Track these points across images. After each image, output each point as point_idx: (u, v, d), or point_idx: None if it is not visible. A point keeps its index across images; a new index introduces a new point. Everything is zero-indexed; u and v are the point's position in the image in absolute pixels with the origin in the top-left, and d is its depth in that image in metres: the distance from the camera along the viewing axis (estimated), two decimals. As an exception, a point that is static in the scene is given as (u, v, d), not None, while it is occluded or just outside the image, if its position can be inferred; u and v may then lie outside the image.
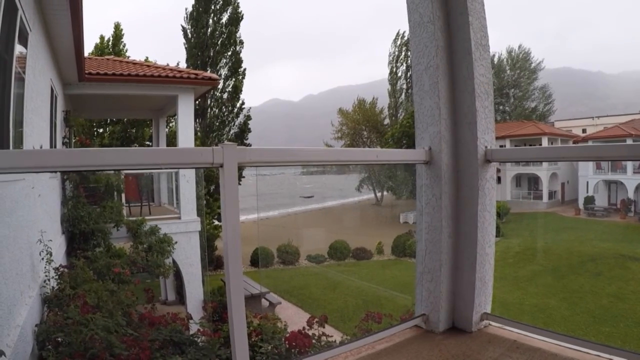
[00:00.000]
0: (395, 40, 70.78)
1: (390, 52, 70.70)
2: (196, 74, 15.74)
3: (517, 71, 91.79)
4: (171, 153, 2.04)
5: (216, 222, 28.34)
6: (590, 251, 33.20)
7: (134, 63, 16.79)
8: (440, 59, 2.89)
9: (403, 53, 68.20)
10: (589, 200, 53.11)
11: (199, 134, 33.56)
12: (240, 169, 2.43)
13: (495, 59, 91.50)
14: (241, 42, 37.30)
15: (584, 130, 70.51)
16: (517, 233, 41.50)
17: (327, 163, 2.57)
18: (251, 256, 31.02)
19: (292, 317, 18.76)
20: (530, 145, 59.11)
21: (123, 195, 14.41)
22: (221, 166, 2.01)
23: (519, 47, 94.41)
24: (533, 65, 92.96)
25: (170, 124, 25.31)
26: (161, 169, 15.43)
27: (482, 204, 2.88)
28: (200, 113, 34.82)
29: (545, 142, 59.02)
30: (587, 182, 54.96)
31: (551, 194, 58.57)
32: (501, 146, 57.59)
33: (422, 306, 3.05)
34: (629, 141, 51.54)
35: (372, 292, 25.14)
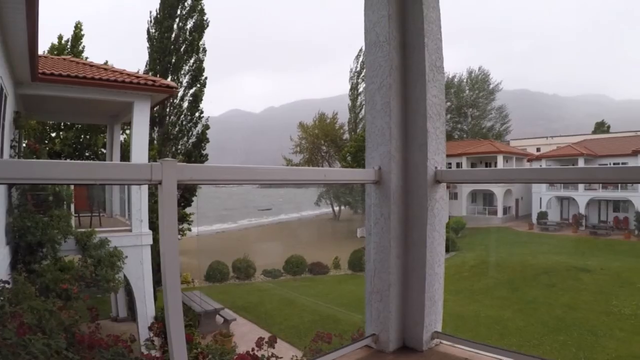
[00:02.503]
0: (357, 57, 71.52)
1: (351, 68, 71.36)
2: (154, 81, 15.40)
3: (476, 91, 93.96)
4: (106, 169, 1.95)
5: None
6: (543, 264, 34.05)
7: (91, 65, 16.30)
8: (393, 78, 2.89)
9: (364, 70, 68.99)
10: (542, 215, 54.83)
11: (155, 143, 32.93)
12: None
13: (456, 80, 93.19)
14: (204, 50, 36.70)
15: (538, 149, 72.30)
16: (473, 247, 42.28)
17: (272, 182, 2.51)
18: (206, 271, 30.70)
19: (247, 334, 18.62)
20: (487, 163, 60.47)
21: (72, 205, 13.91)
22: (160, 183, 1.93)
23: (479, 68, 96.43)
24: (492, 86, 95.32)
25: (127, 132, 24.76)
26: (95, 184, 14.94)
27: (431, 224, 2.88)
28: (158, 121, 34.23)
29: (500, 160, 60.21)
30: (541, 198, 56.67)
31: (506, 210, 59.98)
32: (458, 164, 58.79)
33: (372, 326, 3.03)
34: (581, 160, 53.14)
35: (328, 308, 25.11)
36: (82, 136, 26.64)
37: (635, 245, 42.36)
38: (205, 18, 36.78)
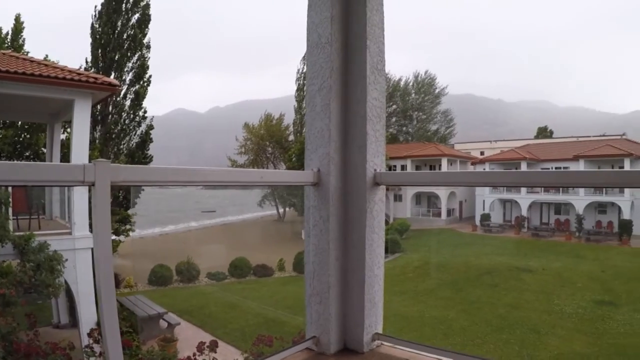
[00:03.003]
0: (304, 58, 71.23)
1: (298, 69, 71.03)
2: (95, 78, 15.01)
3: (422, 95, 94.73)
4: (37, 170, 1.87)
5: (114, 237, 27.26)
6: (486, 265, 34.62)
7: (32, 61, 15.74)
8: (334, 80, 2.88)
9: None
10: (486, 217, 55.81)
11: (97, 142, 32.18)
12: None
13: (402, 83, 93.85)
14: (148, 47, 35.84)
15: (482, 153, 73.52)
16: (417, 249, 42.70)
17: (209, 184, 2.49)
18: (150, 274, 30.16)
19: (192, 339, 18.33)
20: (431, 165, 61.23)
21: (10, 208, 13.42)
22: (92, 185, 1.86)
23: (425, 72, 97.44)
24: (437, 90, 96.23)
25: (68, 130, 24.10)
26: (27, 186, 14.56)
27: (370, 226, 2.88)
28: (101, 120, 33.49)
29: (445, 163, 61.03)
30: (484, 201, 57.60)
31: (450, 212, 60.77)
32: (403, 166, 59.32)
33: (313, 328, 3.01)
34: (524, 164, 54.22)
35: (273, 310, 24.99)
36: (23, 135, 25.91)
37: (575, 246, 43.44)
38: (149, 13, 35.97)
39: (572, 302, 26.48)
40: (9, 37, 28.89)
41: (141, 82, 35.37)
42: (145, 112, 35.38)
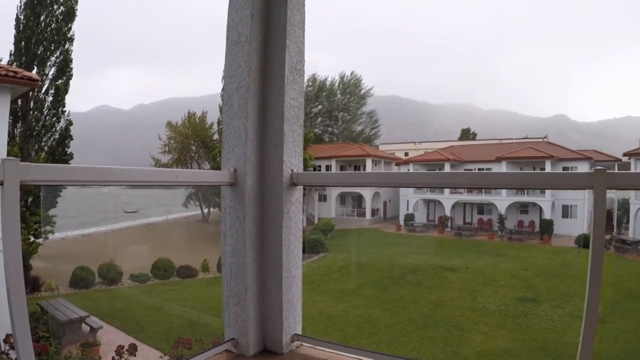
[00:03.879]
0: (228, 56, 70.70)
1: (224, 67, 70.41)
2: (15, 72, 14.55)
3: (348, 96, 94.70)
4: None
5: (32, 239, 26.33)
6: (410, 264, 35.08)
7: None
8: (252, 79, 2.85)
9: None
10: (409, 217, 56.57)
11: (18, 139, 30.99)
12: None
13: (328, 83, 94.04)
14: (72, 40, 34.64)
15: (406, 154, 74.49)
16: (342, 249, 42.91)
17: (121, 184, 2.41)
18: (71, 277, 29.28)
19: (115, 342, 17.92)
20: (356, 166, 61.62)
21: None
22: (1, 184, 1.80)
23: (351, 73, 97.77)
24: (363, 91, 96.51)
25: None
26: None
27: (287, 226, 2.88)
28: (21, 116, 32.27)
29: (369, 163, 61.47)
30: (408, 201, 58.39)
31: (374, 212, 61.26)
32: (327, 166, 59.55)
33: (231, 330, 2.98)
34: (447, 165, 55.24)
35: (197, 312, 24.68)
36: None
37: (498, 245, 44.57)
38: (74, 7, 34.89)
39: (495, 299, 27.17)
40: None
41: (64, 77, 34.22)
42: (66, 108, 34.23)
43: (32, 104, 32.96)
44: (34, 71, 31.33)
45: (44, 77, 33.28)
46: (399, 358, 2.78)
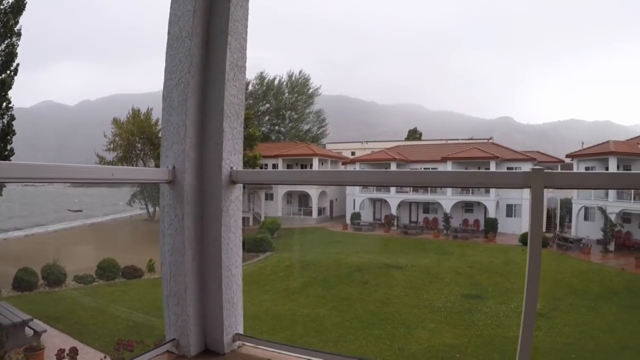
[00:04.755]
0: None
1: (170, 64, 69.57)
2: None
3: (296, 95, 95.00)
4: None
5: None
6: (357, 262, 35.30)
7: None
8: (192, 75, 2.80)
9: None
10: (356, 216, 56.93)
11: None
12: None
13: (276, 82, 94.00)
14: (19, 35, 33.68)
15: (353, 153, 74.87)
16: (288, 247, 43.08)
17: (56, 181, 2.34)
18: (14, 279, 28.49)
19: (60, 346, 17.51)
20: (302, 165, 61.79)
21: None
22: None
23: (300, 72, 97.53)
24: (311, 90, 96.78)
25: None
26: None
27: (227, 225, 2.84)
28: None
29: (316, 162, 61.74)
30: (354, 200, 58.79)
31: (320, 211, 61.54)
32: (274, 165, 59.55)
33: (172, 330, 2.92)
34: (393, 164, 55.85)
35: (143, 313, 24.32)
36: None
37: (443, 243, 45.29)
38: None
39: (440, 296, 27.60)
40: None
41: (8, 72, 33.30)
42: (9, 103, 33.31)
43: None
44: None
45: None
46: (342, 356, 2.78)
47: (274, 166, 61.69)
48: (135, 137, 66.18)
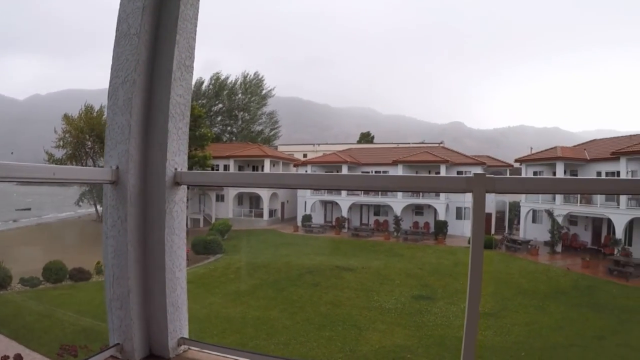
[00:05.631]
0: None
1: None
2: None
3: (249, 96, 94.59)
4: None
5: None
6: (308, 264, 35.34)
7: None
8: (138, 74, 2.75)
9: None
10: (307, 218, 56.92)
11: None
12: None
13: (230, 82, 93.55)
14: None
15: (305, 155, 74.81)
16: (239, 249, 43.00)
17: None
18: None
19: (4, 352, 17.03)
20: (254, 166, 61.70)
21: None
22: None
23: (255, 73, 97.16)
24: (264, 91, 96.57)
25: None
26: None
27: (170, 227, 2.81)
28: None
29: (267, 164, 61.73)
30: (305, 202, 58.78)
31: (272, 212, 61.33)
32: (225, 166, 59.23)
33: (116, 335, 2.86)
34: (345, 167, 56.03)
35: (90, 317, 23.85)
36: None
37: (394, 245, 45.60)
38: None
39: (391, 298, 27.79)
40: None
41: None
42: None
43: None
44: None
45: None
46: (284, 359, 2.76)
47: (226, 167, 61.31)
48: (86, 134, 64.66)
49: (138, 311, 2.83)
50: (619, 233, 39.34)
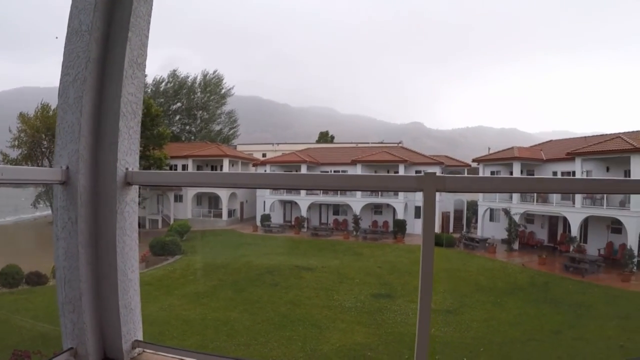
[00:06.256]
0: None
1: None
2: None
3: (208, 94, 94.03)
4: None
5: None
6: (267, 264, 35.37)
7: None
8: (89, 72, 2.68)
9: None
10: (266, 218, 56.90)
11: None
12: None
13: (189, 81, 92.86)
14: None
15: (264, 155, 74.68)
16: (198, 250, 42.70)
17: None
18: None
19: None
20: (213, 166, 61.32)
21: None
22: None
23: (214, 72, 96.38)
24: (224, 90, 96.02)
25: None
26: None
27: (122, 228, 2.75)
28: None
29: (226, 163, 61.40)
30: (265, 202, 58.76)
31: (231, 212, 61.08)
32: (184, 166, 58.85)
33: (69, 339, 2.79)
34: (304, 166, 56.14)
35: (47, 322, 23.40)
36: None
37: (353, 244, 45.86)
38: None
39: (351, 296, 27.97)
40: None
41: None
42: None
43: None
44: None
45: None
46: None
47: (184, 167, 60.81)
48: (42, 134, 63.36)
49: (91, 314, 2.77)
50: (575, 231, 40.29)
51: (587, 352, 20.29)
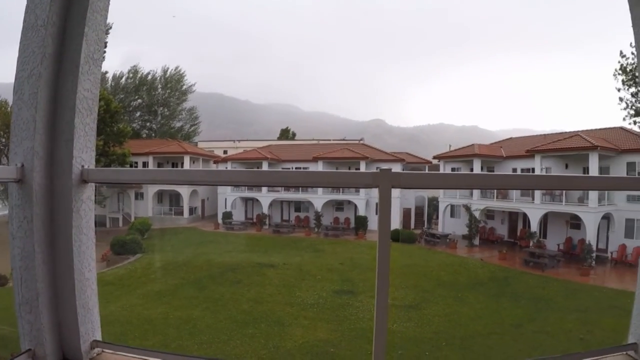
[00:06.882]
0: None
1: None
2: None
3: (169, 91, 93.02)
4: None
5: None
6: (229, 262, 35.29)
7: None
8: (45, 67, 2.63)
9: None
10: (228, 215, 56.80)
11: None
12: None
13: (150, 77, 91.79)
14: None
15: (225, 152, 74.39)
16: (159, 249, 42.45)
17: None
18: None
19: None
20: (174, 163, 61.04)
21: None
22: None
23: (176, 68, 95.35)
24: (185, 87, 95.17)
25: None
26: None
27: (78, 226, 2.71)
28: None
29: (187, 160, 61.01)
30: (226, 199, 58.60)
31: (192, 210, 60.85)
32: (144, 163, 58.30)
33: (27, 341, 2.74)
34: (265, 163, 56.20)
35: (7, 324, 22.95)
36: None
37: (314, 241, 46.04)
38: None
39: (313, 293, 28.03)
40: None
41: None
42: None
43: None
44: None
45: None
46: (204, 359, 2.72)
47: (145, 164, 60.19)
48: (0, 130, 62.16)
49: (48, 315, 2.72)
50: (534, 226, 41.07)
51: (548, 345, 20.63)
